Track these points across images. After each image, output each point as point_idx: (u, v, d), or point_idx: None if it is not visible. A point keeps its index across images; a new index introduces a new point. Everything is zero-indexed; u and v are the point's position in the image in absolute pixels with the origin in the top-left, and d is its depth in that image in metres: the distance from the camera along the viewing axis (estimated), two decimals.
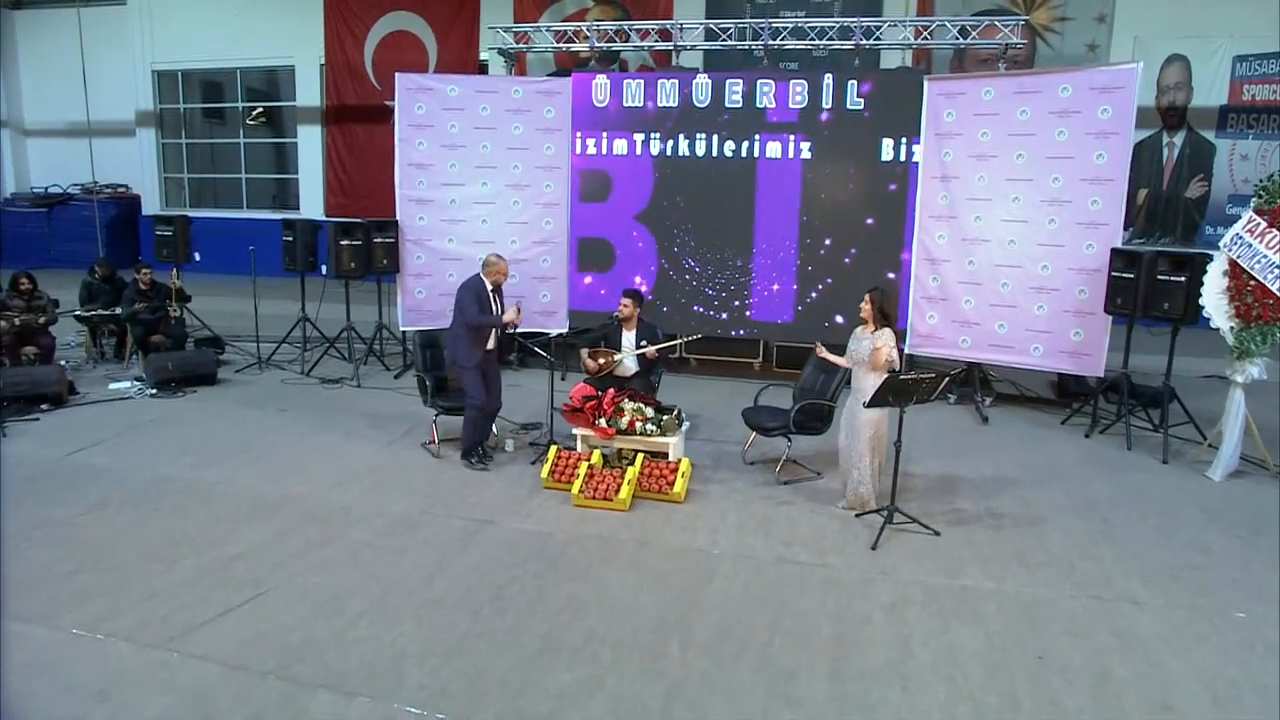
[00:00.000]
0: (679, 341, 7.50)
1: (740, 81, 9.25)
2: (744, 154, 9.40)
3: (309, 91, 17.04)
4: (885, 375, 5.66)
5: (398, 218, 9.78)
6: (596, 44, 10.01)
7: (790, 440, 6.68)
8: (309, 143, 17.21)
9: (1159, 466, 7.19)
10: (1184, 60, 13.10)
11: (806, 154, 9.22)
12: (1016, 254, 8.39)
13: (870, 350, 5.87)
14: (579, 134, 9.71)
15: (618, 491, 6.00)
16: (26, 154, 19.51)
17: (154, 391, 8.74)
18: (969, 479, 6.80)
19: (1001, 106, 8.32)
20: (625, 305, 7.38)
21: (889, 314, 5.95)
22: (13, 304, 8.86)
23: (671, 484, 6.17)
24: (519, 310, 6.94)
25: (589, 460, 6.34)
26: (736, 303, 9.67)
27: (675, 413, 6.58)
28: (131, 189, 18.45)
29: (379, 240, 9.60)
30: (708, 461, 7.07)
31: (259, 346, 10.01)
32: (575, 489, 6.09)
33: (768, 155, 9.34)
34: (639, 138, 9.59)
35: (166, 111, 18.24)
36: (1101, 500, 6.42)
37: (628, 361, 7.38)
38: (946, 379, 5.58)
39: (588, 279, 9.96)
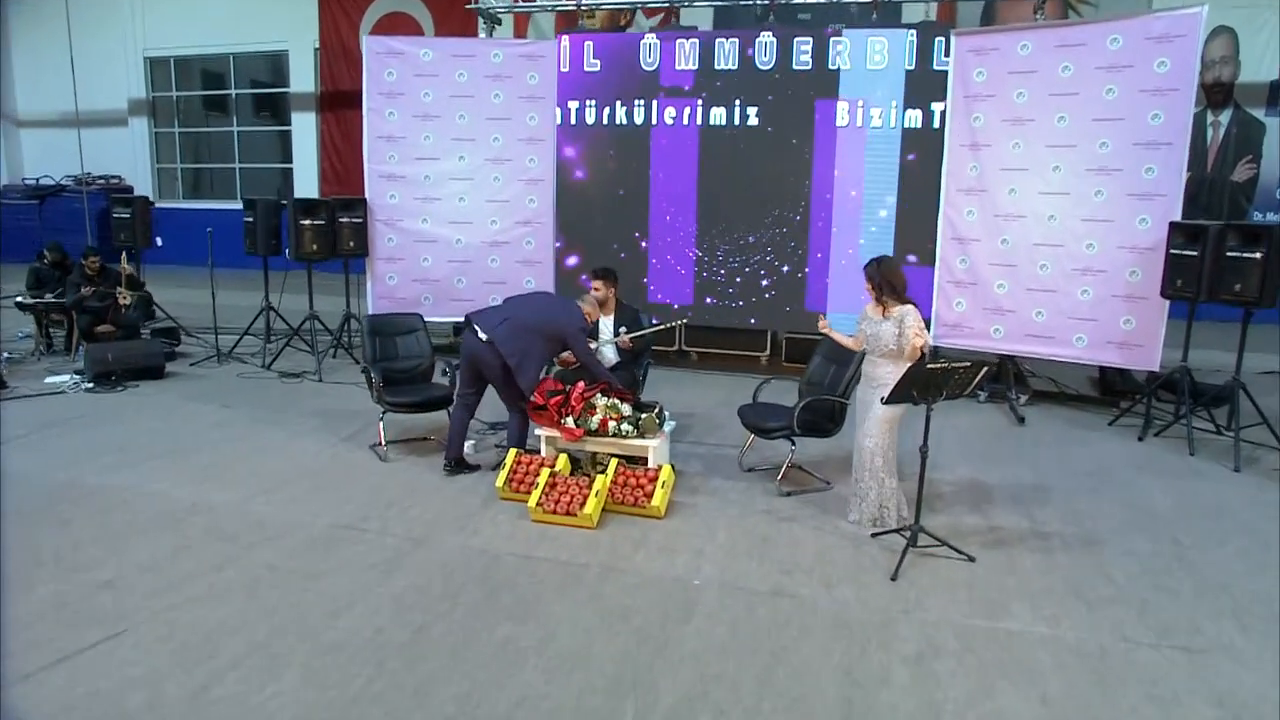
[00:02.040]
0: (663, 327, 6.39)
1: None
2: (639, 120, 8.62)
3: (303, 77, 16.08)
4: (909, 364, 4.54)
5: (366, 195, 8.72)
6: (584, 3, 8.90)
7: (794, 443, 5.55)
8: (304, 130, 16.24)
9: (1230, 475, 5.99)
10: (1230, 32, 11.84)
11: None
12: (1057, 231, 7.20)
13: (894, 335, 4.74)
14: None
15: (583, 505, 4.89)
16: (20, 145, 18.67)
17: (91, 385, 7.73)
18: (1006, 489, 5.64)
19: (1040, 62, 7.13)
20: (597, 287, 6.27)
21: (898, 286, 4.81)
22: None
23: (649, 495, 5.04)
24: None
25: (553, 467, 5.24)
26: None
27: (656, 410, 5.45)
28: (125, 180, 17.54)
29: (345, 220, 8.55)
30: (698, 468, 5.95)
31: (217, 338, 8.98)
32: (532, 501, 4.98)
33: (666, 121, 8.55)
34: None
35: (160, 100, 17.34)
36: (1167, 516, 5.25)
37: (606, 351, 6.28)
38: (984, 369, 4.43)
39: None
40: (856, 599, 4.13)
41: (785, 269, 8.41)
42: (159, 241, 9.93)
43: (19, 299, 8.96)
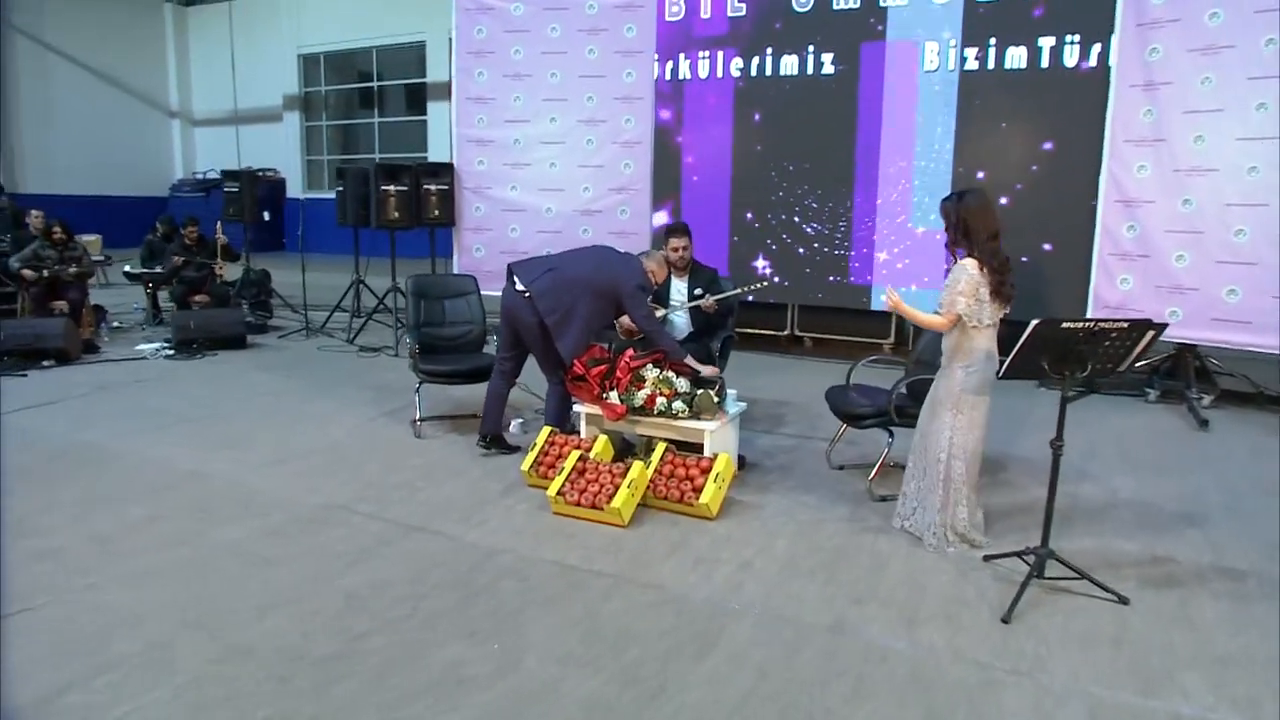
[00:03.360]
0: (740, 291, 5.24)
1: None
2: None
3: (439, 67, 15.85)
4: (983, 333, 3.30)
5: (454, 160, 8.04)
6: None
7: (892, 435, 4.31)
8: (439, 119, 16.00)
9: None
10: None
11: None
12: (1260, 187, 5.54)
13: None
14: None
15: (611, 497, 3.86)
16: (195, 142, 19.57)
17: (172, 352, 7.41)
18: (1181, 509, 4.16)
19: None
20: (679, 247, 5.22)
21: (975, 232, 3.51)
22: (45, 255, 7.79)
23: (698, 490, 3.95)
24: None
25: (588, 450, 4.24)
26: None
27: (716, 386, 4.33)
28: (279, 172, 17.96)
29: (430, 187, 7.90)
30: (779, 462, 4.80)
31: (306, 311, 8.57)
32: (553, 488, 4.00)
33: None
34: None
35: (311, 95, 17.66)
36: None
37: (676, 319, 5.22)
38: (1150, 332, 3.07)
39: None
40: (948, 646, 2.89)
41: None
42: (266, 216, 9.68)
43: (126, 268, 8.87)
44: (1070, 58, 6.22)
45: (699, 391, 4.24)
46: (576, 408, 4.56)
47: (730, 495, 4.17)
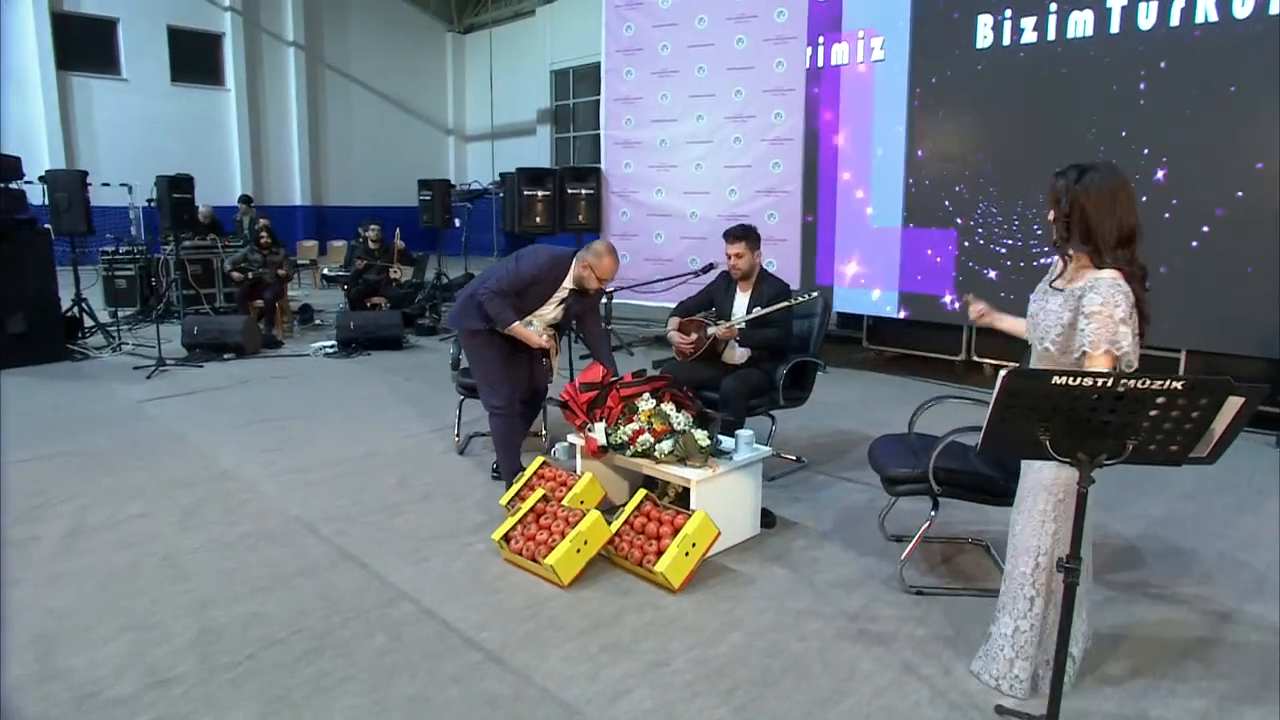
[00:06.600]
0: (789, 304, 4.22)
1: None
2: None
3: None
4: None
5: (601, 165, 7.67)
6: None
7: (936, 506, 3.21)
8: None
9: None
10: None
11: None
12: None
13: (1060, 323, 2.34)
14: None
15: (551, 550, 3.20)
16: (466, 156, 21.20)
17: (330, 351, 7.79)
18: None
19: None
20: (733, 254, 4.37)
21: (1101, 227, 2.29)
22: (252, 259, 8.57)
23: (660, 553, 3.17)
24: (555, 349, 4.31)
25: (566, 486, 3.62)
26: None
27: (712, 427, 3.48)
28: None
29: (576, 191, 7.59)
30: (825, 524, 3.83)
31: None
32: (500, 531, 3.42)
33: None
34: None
35: (560, 107, 18.35)
36: None
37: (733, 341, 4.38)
38: (1229, 399, 1.83)
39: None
40: None
41: None
42: (457, 222, 10.00)
43: (325, 271, 9.54)
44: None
45: (683, 432, 3.43)
46: (570, 438, 3.93)
47: (722, 562, 3.35)
